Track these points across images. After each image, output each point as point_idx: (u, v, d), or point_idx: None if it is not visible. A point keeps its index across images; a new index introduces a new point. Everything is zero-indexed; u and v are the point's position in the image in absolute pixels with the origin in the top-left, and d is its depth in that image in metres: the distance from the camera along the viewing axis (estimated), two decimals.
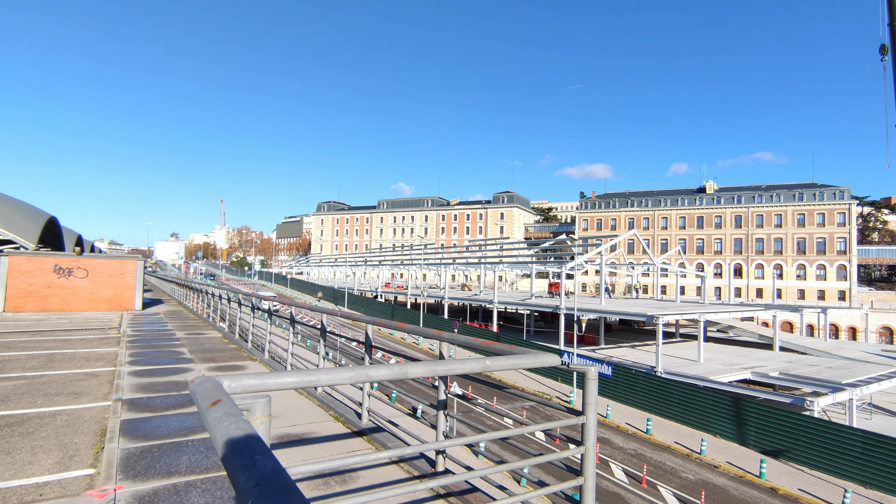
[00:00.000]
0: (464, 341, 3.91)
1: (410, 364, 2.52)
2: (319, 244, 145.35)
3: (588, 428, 3.05)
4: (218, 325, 17.33)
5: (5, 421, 6.54)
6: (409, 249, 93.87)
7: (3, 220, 21.27)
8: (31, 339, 13.72)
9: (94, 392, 8.18)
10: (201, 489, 4.58)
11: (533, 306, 49.36)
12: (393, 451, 4.45)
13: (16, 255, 20.19)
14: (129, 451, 5.46)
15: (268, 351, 11.16)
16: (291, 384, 2.27)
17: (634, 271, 67.02)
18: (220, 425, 1.58)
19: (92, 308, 21.44)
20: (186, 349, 12.64)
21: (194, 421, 6.65)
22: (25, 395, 7.81)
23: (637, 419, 27.48)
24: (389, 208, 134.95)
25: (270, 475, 1.16)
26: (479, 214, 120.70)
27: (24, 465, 5.16)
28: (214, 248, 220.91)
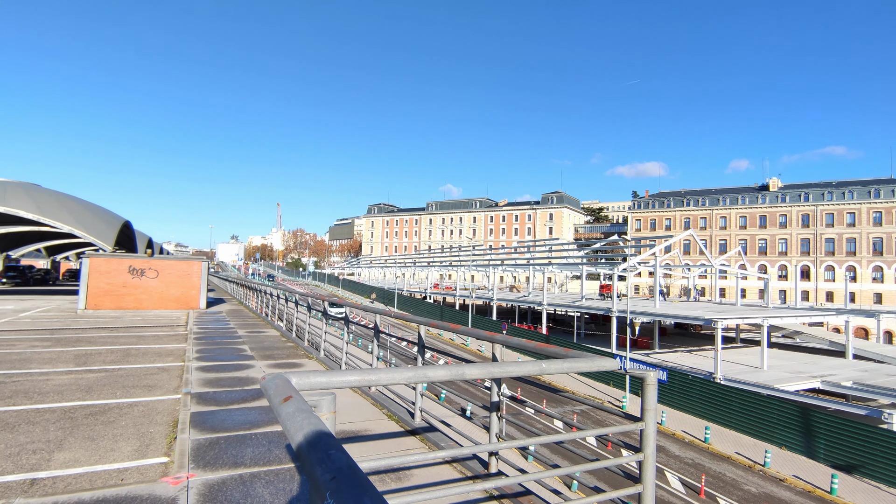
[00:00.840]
0: (517, 343, 3.92)
1: (466, 365, 2.57)
2: (370, 245, 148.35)
3: (647, 434, 3.00)
4: (276, 324, 18.06)
5: (90, 410, 7.11)
6: (458, 251, 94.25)
7: (84, 225, 23.08)
8: (109, 335, 14.80)
9: (165, 385, 8.75)
10: (265, 480, 4.82)
11: (583, 308, 48.38)
12: (447, 452, 4.53)
13: (96, 257, 21.88)
14: (198, 442, 5.81)
15: (323, 350, 11.53)
16: (354, 383, 2.37)
17: (691, 273, 64.35)
18: (294, 420, 1.68)
19: (161, 306, 22.89)
20: (248, 346, 13.27)
21: (256, 415, 6.98)
22: (107, 387, 8.45)
23: (694, 427, 26.40)
24: (438, 210, 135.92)
25: (346, 469, 1.24)
26: (528, 215, 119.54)
27: (107, 452, 5.59)
28: (271, 250, 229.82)
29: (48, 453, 5.47)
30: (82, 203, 25.89)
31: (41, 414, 6.86)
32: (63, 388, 8.31)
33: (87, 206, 25.89)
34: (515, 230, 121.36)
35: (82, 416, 6.84)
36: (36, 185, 25.46)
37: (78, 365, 10.25)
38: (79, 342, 13.25)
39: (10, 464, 5.15)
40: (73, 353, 11.53)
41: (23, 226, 35.98)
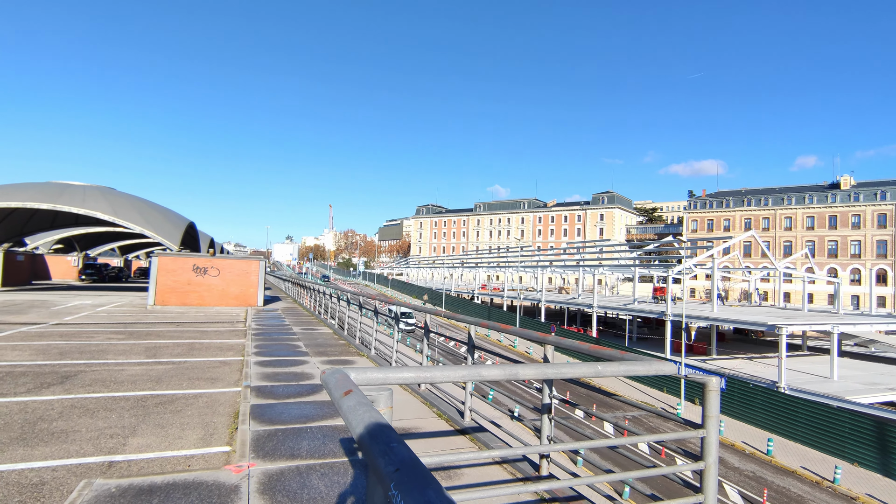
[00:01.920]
0: (570, 345, 3.88)
1: (520, 365, 2.58)
2: (418, 246, 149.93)
3: (709, 442, 2.90)
4: (328, 322, 18.60)
5: (160, 399, 7.58)
6: (506, 251, 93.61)
7: (153, 226, 24.61)
8: (175, 330, 15.71)
9: (226, 378, 9.19)
10: (320, 472, 4.98)
11: (636, 311, 46.96)
12: (496, 452, 4.54)
13: (164, 256, 23.30)
14: (258, 434, 6.08)
15: (374, 348, 11.77)
16: (410, 379, 2.43)
17: (752, 276, 61.11)
18: (355, 413, 1.75)
19: (222, 303, 24.07)
20: (302, 343, 13.74)
21: (311, 410, 7.22)
22: (174, 378, 8.98)
23: (755, 438, 25.07)
24: (486, 211, 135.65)
25: (408, 462, 1.28)
26: (578, 216, 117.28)
27: (175, 439, 5.94)
28: (323, 250, 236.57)
29: (123, 438, 5.87)
30: (151, 205, 27.60)
31: (117, 402, 7.37)
32: (136, 378, 8.90)
33: (156, 207, 27.57)
34: (565, 231, 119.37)
35: (153, 404, 7.30)
36: (111, 188, 27.38)
37: (148, 357, 10.95)
38: (149, 336, 14.14)
39: (91, 446, 5.56)
40: (144, 346, 12.32)
41: (99, 226, 38.77)
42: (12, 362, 9.81)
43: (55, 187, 24.92)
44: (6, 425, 6.12)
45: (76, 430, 6.08)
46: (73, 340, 12.74)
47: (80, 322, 16.65)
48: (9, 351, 10.97)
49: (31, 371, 9.10)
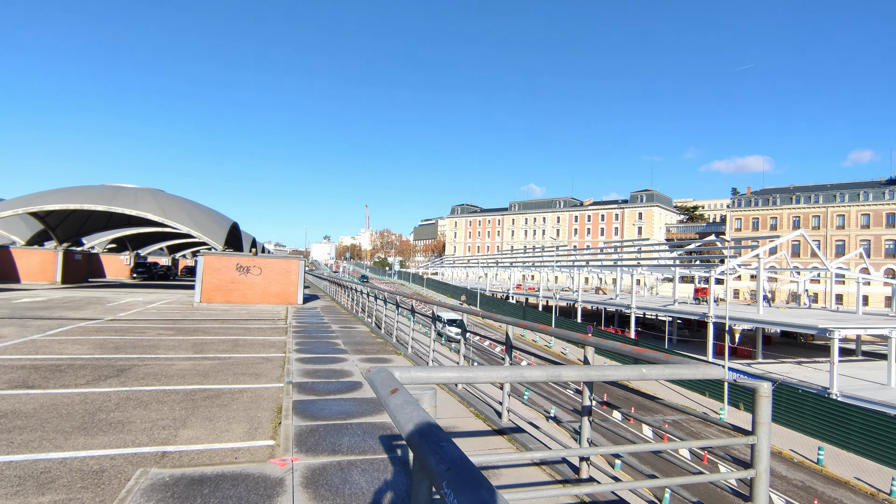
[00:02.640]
0: (611, 347, 3.83)
1: (563, 367, 2.57)
2: (453, 245, 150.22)
3: (759, 450, 2.81)
4: (365, 321, 18.90)
5: (207, 393, 7.89)
6: (541, 251, 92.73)
7: (199, 226, 25.59)
8: (220, 326, 16.29)
9: (269, 374, 9.48)
10: (361, 468, 5.08)
11: (676, 313, 45.65)
12: (535, 453, 4.53)
13: (209, 255, 24.20)
14: (300, 429, 6.25)
15: (411, 346, 11.90)
16: (453, 379, 2.46)
17: (800, 277, 58.42)
18: (403, 412, 1.79)
19: (264, 301, 24.81)
20: (341, 341, 14.02)
21: (351, 406, 7.37)
22: (220, 374, 9.32)
23: (804, 446, 23.98)
24: (521, 210, 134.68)
25: (459, 461, 1.31)
26: (615, 215, 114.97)
27: (222, 432, 6.17)
28: (360, 250, 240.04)
29: (174, 430, 6.15)
30: (197, 206, 28.68)
31: (168, 395, 7.72)
32: (184, 372, 9.28)
33: (202, 208, 28.65)
34: (601, 230, 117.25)
35: (201, 398, 7.60)
36: (160, 190, 28.62)
37: (196, 352, 11.40)
38: (196, 332, 14.72)
39: (146, 437, 5.85)
40: (192, 342, 12.84)
41: (149, 227, 40.60)
42: (73, 356, 10.40)
43: (109, 190, 26.24)
44: (69, 415, 6.51)
45: (131, 420, 6.41)
46: (126, 336, 13.40)
47: (133, 318, 17.48)
48: (70, 345, 11.64)
49: (89, 364, 9.63)
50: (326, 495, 4.45)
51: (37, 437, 5.65)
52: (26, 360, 9.84)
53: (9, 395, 7.30)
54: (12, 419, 6.24)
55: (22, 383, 8.03)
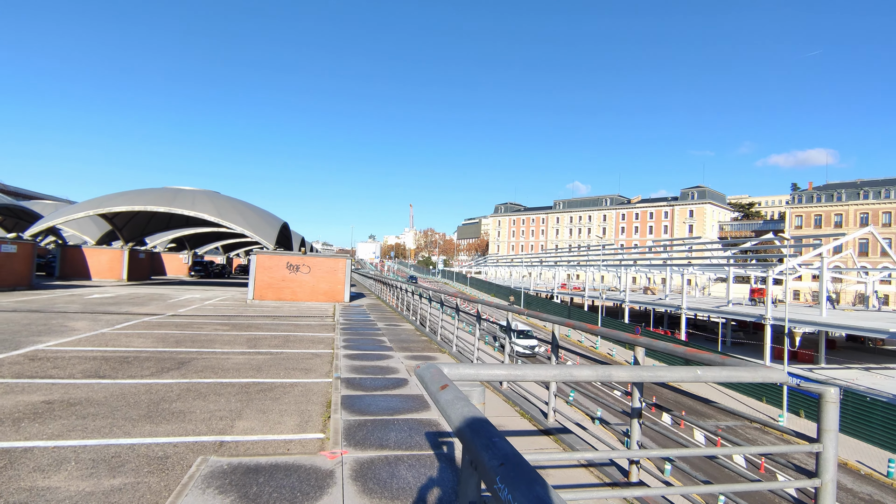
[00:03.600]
0: (663, 347, 3.72)
1: (613, 367, 2.53)
2: (496, 245, 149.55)
3: (826, 459, 2.67)
4: (410, 318, 19.12)
5: (260, 387, 8.21)
6: (586, 250, 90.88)
7: (252, 226, 26.64)
8: (272, 323, 16.90)
9: (318, 370, 9.75)
10: (408, 464, 5.16)
11: (729, 314, 43.73)
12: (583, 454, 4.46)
13: (261, 254, 25.15)
14: (349, 423, 6.41)
15: (455, 345, 11.95)
16: (502, 376, 2.47)
17: (869, 278, 54.65)
18: (454, 407, 1.82)
19: (312, 299, 25.55)
20: (386, 338, 14.25)
21: (397, 403, 7.48)
22: (272, 368, 9.68)
23: (872, 458, 22.45)
24: (565, 208, 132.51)
25: (513, 457, 1.32)
26: (665, 212, 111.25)
27: (275, 424, 6.41)
28: (404, 249, 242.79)
29: (231, 420, 6.43)
30: (250, 207, 29.84)
31: (224, 387, 8.08)
32: (239, 366, 9.69)
33: (254, 209, 29.78)
34: (650, 228, 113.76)
35: (255, 391, 7.91)
36: (216, 192, 29.95)
37: (249, 347, 11.88)
38: (249, 328, 15.33)
39: (205, 426, 6.15)
40: (246, 337, 13.38)
41: (206, 227, 42.57)
42: (138, 348, 11.06)
43: (169, 192, 27.69)
44: (136, 404, 6.93)
45: (191, 411, 6.75)
46: (186, 330, 14.11)
47: (191, 314, 18.38)
48: (135, 338, 12.38)
49: (153, 357, 10.21)
50: (375, 489, 4.55)
51: (108, 424, 6.05)
52: (97, 351, 10.54)
53: (83, 384, 7.85)
54: (87, 406, 6.70)
55: (94, 373, 8.61)
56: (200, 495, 4.25)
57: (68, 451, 5.18)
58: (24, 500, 4.14)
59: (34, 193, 79.17)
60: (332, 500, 4.27)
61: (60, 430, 5.79)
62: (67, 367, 9.01)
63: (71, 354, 10.10)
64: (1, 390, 7.31)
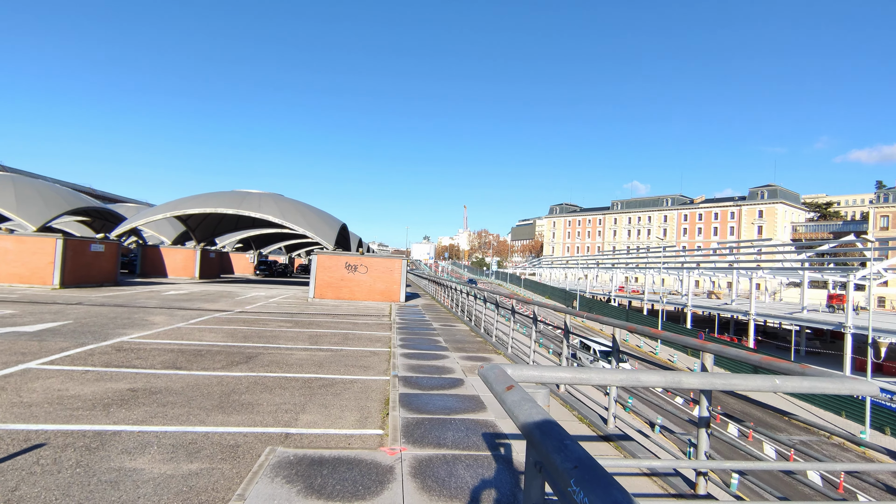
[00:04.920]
0: (735, 355, 3.56)
1: (684, 373, 2.45)
2: (551, 246, 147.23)
3: None
4: (464, 319, 19.18)
5: (322, 382, 8.50)
6: (646, 252, 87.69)
7: (313, 227, 27.65)
8: (332, 321, 17.45)
9: (376, 367, 9.99)
10: (465, 464, 5.20)
11: (804, 321, 40.87)
12: (645, 462, 4.33)
13: (322, 254, 26.06)
14: (407, 420, 6.53)
15: (510, 346, 11.89)
16: (566, 379, 2.45)
17: None
18: (521, 408, 1.83)
19: (369, 298, 26.17)
20: (441, 338, 14.38)
21: (453, 402, 7.54)
22: (333, 364, 10.00)
23: None
24: (623, 209, 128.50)
25: (586, 460, 1.32)
26: (731, 213, 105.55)
27: (336, 419, 6.62)
28: (458, 250, 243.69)
29: (295, 414, 6.71)
30: (311, 208, 30.96)
31: (288, 381, 8.44)
32: (302, 362, 10.09)
33: (315, 210, 30.88)
34: (715, 230, 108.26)
35: (317, 386, 8.21)
36: (280, 194, 31.30)
37: (311, 344, 12.33)
38: (310, 325, 15.91)
39: (271, 419, 6.46)
40: (308, 334, 13.90)
41: (270, 228, 44.54)
42: (210, 343, 11.74)
43: (238, 195, 29.21)
44: (209, 394, 7.37)
45: (259, 403, 7.10)
46: (252, 326, 14.84)
47: (257, 311, 19.31)
48: (207, 333, 13.15)
49: (223, 351, 10.81)
50: (433, 486, 4.61)
51: (185, 412, 6.48)
52: (174, 344, 11.29)
53: (162, 374, 8.43)
54: (166, 395, 7.20)
55: (172, 364, 9.23)
56: (269, 483, 4.47)
57: (151, 436, 5.59)
58: (115, 479, 4.51)
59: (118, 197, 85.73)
60: (392, 496, 4.37)
61: (144, 416, 6.26)
62: (148, 357, 9.71)
63: (151, 346, 10.88)
64: (93, 377, 7.99)
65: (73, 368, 8.52)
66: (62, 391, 7.14)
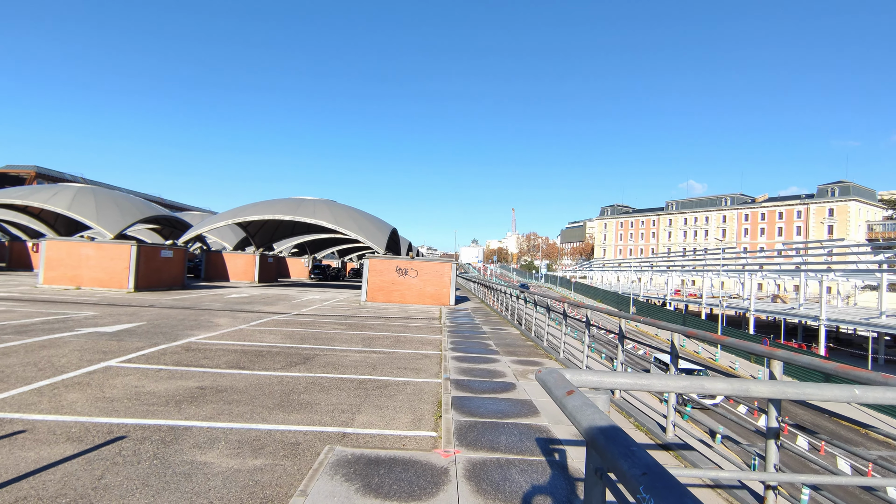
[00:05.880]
0: (808, 362, 3.38)
1: (752, 381, 2.37)
2: (602, 248, 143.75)
3: None
4: (514, 323, 19.06)
5: (376, 384, 8.70)
6: (703, 254, 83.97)
7: (365, 232, 28.33)
8: (383, 323, 17.80)
9: (428, 370, 10.11)
10: (519, 468, 5.19)
11: (882, 328, 37.85)
12: (707, 472, 4.19)
13: (373, 259, 26.65)
14: (460, 423, 6.57)
15: (562, 351, 11.72)
16: (626, 385, 2.42)
17: None
18: (583, 413, 1.84)
19: (419, 302, 26.50)
20: (492, 342, 14.36)
21: (505, 406, 7.53)
22: (385, 366, 10.21)
23: None
24: (679, 209, 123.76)
25: (654, 467, 1.31)
26: (797, 212, 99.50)
27: (391, 420, 6.76)
28: (506, 253, 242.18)
29: (351, 414, 6.91)
30: (363, 214, 31.71)
31: (344, 382, 8.68)
32: (356, 364, 10.35)
33: (366, 216, 31.61)
34: (779, 230, 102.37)
35: (371, 388, 8.41)
36: (333, 200, 32.26)
37: (364, 346, 12.63)
38: (363, 328, 16.29)
39: (329, 418, 6.67)
40: (361, 337, 14.24)
41: (324, 234, 45.93)
42: (270, 344, 12.26)
43: (293, 202, 30.34)
44: (270, 393, 7.70)
45: (317, 402, 7.35)
46: (308, 328, 15.36)
47: (313, 313, 19.96)
48: (267, 335, 13.73)
49: (282, 352, 11.26)
50: (488, 490, 4.63)
51: (248, 410, 6.80)
52: (237, 345, 11.86)
53: (227, 374, 8.88)
54: (231, 393, 7.58)
55: (235, 364, 9.70)
56: (329, 481, 4.63)
57: (219, 432, 5.91)
58: (188, 472, 4.81)
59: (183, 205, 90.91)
60: (448, 498, 4.43)
61: (212, 413, 6.62)
62: (214, 357, 10.25)
63: (216, 347, 11.48)
64: (165, 375, 8.53)
65: (147, 367, 9.13)
66: (139, 388, 7.66)
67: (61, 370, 8.53)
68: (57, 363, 9.03)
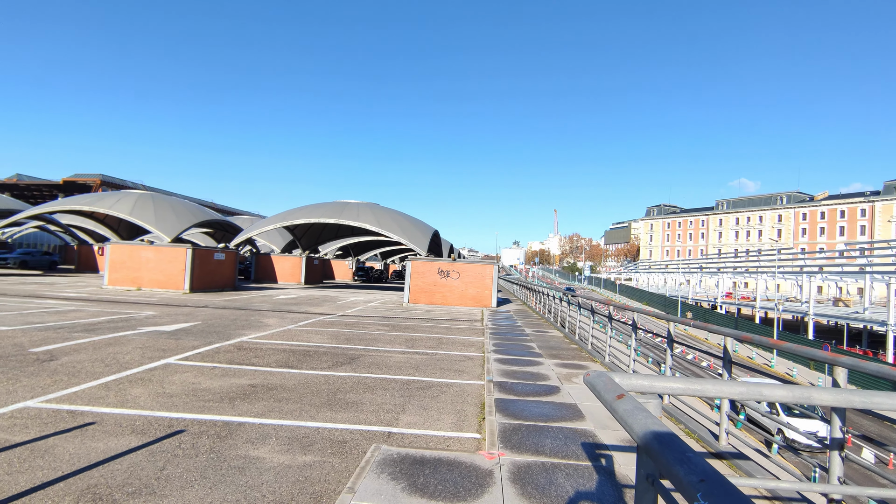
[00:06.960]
0: (876, 370, 3.21)
1: (815, 388, 2.27)
2: (648, 249, 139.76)
3: None
4: (557, 326, 18.82)
5: (419, 385, 8.79)
6: (757, 255, 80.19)
7: (407, 234, 28.66)
8: (426, 325, 17.95)
9: (471, 372, 10.13)
10: (565, 472, 5.13)
11: None
12: (765, 483, 4.02)
13: (415, 261, 26.93)
14: (503, 426, 6.56)
15: (608, 355, 11.49)
16: (678, 390, 2.37)
17: None
18: (635, 418, 1.81)
19: (461, 303, 26.57)
20: (535, 344, 14.24)
21: (549, 410, 7.45)
22: (429, 368, 10.30)
23: None
24: (730, 208, 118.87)
25: (712, 474, 1.29)
26: (861, 210, 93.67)
27: (434, 421, 6.82)
28: (548, 254, 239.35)
29: (396, 414, 7.01)
30: (404, 216, 32.09)
31: (388, 383, 8.82)
32: (400, 364, 10.49)
33: (408, 218, 31.97)
34: (840, 230, 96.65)
35: (415, 388, 8.50)
36: (376, 203, 32.82)
37: (408, 347, 12.78)
38: (406, 329, 16.49)
39: (374, 417, 6.80)
40: (404, 338, 14.42)
41: (367, 236, 46.78)
42: (316, 344, 12.59)
43: (338, 205, 31.06)
44: (317, 392, 7.92)
45: (362, 402, 7.50)
46: (353, 329, 15.68)
47: (357, 314, 20.35)
48: (314, 335, 14.11)
49: (328, 352, 11.55)
50: (533, 493, 4.61)
51: (297, 408, 7.02)
52: (286, 344, 12.25)
53: (277, 372, 9.19)
54: (280, 391, 7.85)
55: (284, 363, 10.03)
56: (376, 479, 4.73)
57: (269, 429, 6.13)
58: (242, 466, 5.02)
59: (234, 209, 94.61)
60: (492, 499, 4.43)
61: (263, 410, 6.87)
62: (264, 356, 10.63)
63: (266, 346, 11.90)
64: (219, 373, 8.91)
65: (203, 364, 9.56)
66: (195, 384, 8.04)
67: (125, 366, 9.05)
68: (121, 360, 9.60)
